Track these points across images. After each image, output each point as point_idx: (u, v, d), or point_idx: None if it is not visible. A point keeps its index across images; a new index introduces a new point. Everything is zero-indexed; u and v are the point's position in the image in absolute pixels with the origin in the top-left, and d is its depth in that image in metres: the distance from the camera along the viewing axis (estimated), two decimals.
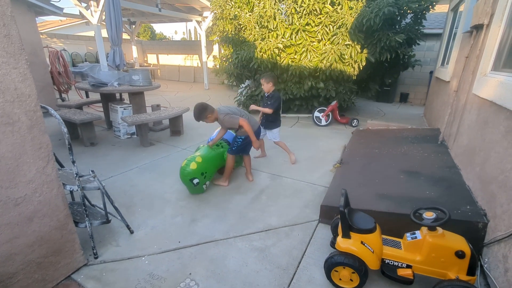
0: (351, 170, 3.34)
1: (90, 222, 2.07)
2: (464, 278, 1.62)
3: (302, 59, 5.88)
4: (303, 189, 3.22)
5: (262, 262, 2.09)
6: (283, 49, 5.85)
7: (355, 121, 5.98)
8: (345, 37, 5.53)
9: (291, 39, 5.82)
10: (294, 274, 1.99)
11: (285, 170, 3.70)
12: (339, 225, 1.84)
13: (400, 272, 1.76)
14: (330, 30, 5.67)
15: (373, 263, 1.74)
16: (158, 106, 5.54)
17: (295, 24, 5.72)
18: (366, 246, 1.75)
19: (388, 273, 1.78)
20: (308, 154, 4.29)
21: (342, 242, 1.80)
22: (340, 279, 1.83)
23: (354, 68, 5.69)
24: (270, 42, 5.73)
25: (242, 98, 6.91)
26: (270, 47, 5.68)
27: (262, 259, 2.12)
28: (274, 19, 5.77)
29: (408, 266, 1.76)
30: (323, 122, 5.97)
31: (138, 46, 14.78)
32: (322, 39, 5.80)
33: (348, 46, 5.53)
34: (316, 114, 6.01)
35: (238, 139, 3.15)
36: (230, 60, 6.88)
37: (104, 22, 6.08)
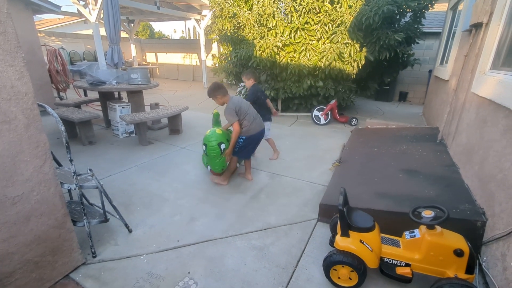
0: (350, 169, 3.34)
1: (88, 221, 2.06)
2: (462, 276, 1.62)
3: (301, 58, 5.87)
4: (302, 188, 3.22)
5: (261, 261, 2.09)
6: (282, 47, 5.83)
7: (354, 120, 5.98)
8: (344, 35, 5.52)
9: (290, 38, 5.81)
10: (293, 272, 1.99)
11: (284, 169, 3.70)
12: (338, 223, 1.84)
13: (399, 270, 1.76)
14: (329, 28, 5.66)
15: (372, 262, 1.74)
16: (157, 104, 5.52)
17: (294, 22, 5.71)
18: (365, 245, 1.75)
19: (387, 271, 1.79)
20: (307, 153, 4.28)
21: (341, 241, 1.80)
22: (339, 278, 1.83)
23: (353, 66, 5.68)
24: (269, 40, 5.72)
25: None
26: (269, 46, 5.67)
27: (261, 258, 2.12)
28: (273, 18, 5.75)
29: (407, 265, 1.76)
30: (322, 121, 5.96)
31: (137, 44, 14.72)
32: (321, 38, 5.79)
33: (347, 45, 5.52)
34: (315, 113, 6.00)
35: (239, 139, 3.11)
36: (229, 58, 6.87)
37: (102, 20, 6.04)
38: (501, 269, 1.69)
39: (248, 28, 6.22)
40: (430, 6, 5.78)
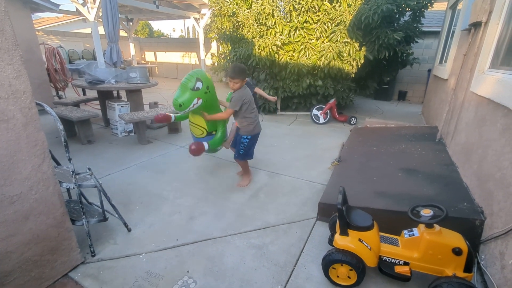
0: (349, 168, 3.34)
1: (87, 220, 2.05)
2: (461, 275, 1.63)
3: (300, 57, 5.86)
4: (301, 186, 3.22)
5: (260, 260, 2.09)
6: (282, 46, 5.83)
7: (353, 119, 5.98)
8: (343, 34, 5.52)
9: (290, 37, 5.80)
10: (292, 271, 1.99)
11: (283, 168, 3.70)
12: (337, 222, 1.85)
13: (397, 269, 1.76)
14: (328, 27, 5.65)
15: (370, 260, 1.75)
16: (156, 103, 5.52)
17: (294, 21, 5.70)
18: (363, 244, 1.75)
19: (385, 270, 1.79)
20: (306, 152, 4.29)
21: (340, 240, 1.80)
22: (338, 276, 1.84)
23: (352, 66, 5.68)
24: (269, 39, 5.71)
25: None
26: (268, 45, 5.66)
27: (260, 257, 2.12)
28: (273, 16, 5.74)
29: (405, 263, 1.76)
30: (322, 120, 5.97)
31: (136, 43, 14.68)
32: (320, 37, 5.79)
33: (346, 44, 5.52)
34: (314, 112, 6.00)
35: (244, 140, 3.02)
36: (228, 57, 6.86)
37: (101, 19, 6.03)
38: (499, 267, 1.70)
39: (247, 27, 6.21)
40: (429, 5, 5.78)
